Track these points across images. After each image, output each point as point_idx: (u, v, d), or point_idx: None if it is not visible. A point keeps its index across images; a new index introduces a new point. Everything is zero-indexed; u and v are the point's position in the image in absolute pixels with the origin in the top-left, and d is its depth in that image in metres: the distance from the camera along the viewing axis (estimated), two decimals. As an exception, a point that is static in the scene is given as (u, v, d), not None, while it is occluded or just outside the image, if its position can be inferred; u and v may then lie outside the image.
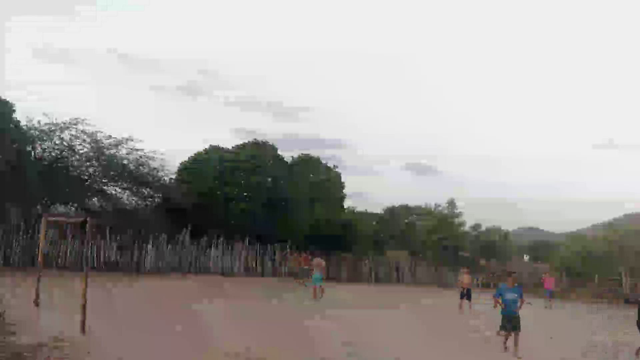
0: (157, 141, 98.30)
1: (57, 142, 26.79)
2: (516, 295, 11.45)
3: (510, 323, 11.25)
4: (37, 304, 11.79)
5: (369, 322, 15.35)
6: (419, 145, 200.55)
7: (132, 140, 28.00)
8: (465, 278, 21.47)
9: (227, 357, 8.75)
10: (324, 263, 23.13)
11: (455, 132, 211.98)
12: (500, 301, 11.45)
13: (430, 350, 11.37)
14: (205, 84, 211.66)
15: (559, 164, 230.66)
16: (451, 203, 44.28)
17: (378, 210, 47.91)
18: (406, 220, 46.33)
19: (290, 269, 31.64)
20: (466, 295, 20.89)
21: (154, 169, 29.34)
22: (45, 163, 26.23)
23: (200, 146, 35.22)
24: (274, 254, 32.21)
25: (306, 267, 28.04)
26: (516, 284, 11.78)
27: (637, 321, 11.82)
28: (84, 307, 9.70)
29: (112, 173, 27.90)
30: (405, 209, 47.09)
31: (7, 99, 26.04)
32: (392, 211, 46.86)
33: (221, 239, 29.66)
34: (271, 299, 20.20)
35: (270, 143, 36.17)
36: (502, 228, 49.84)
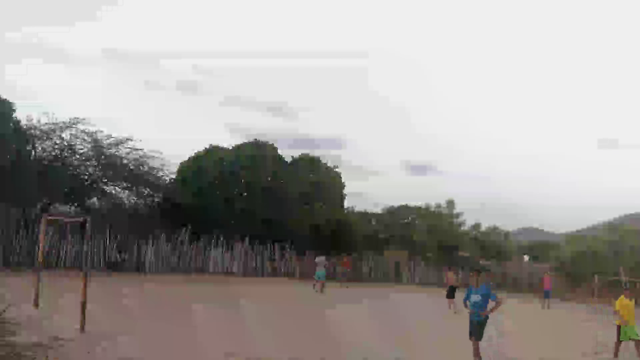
0: (156, 140, 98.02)
1: (57, 141, 26.84)
2: (479, 297, 9.61)
3: (471, 329, 9.69)
4: (36, 303, 11.80)
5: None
6: (420, 144, 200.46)
7: (132, 139, 28.08)
8: (451, 277, 21.90)
9: (227, 357, 8.76)
10: (326, 261, 26.24)
11: (456, 132, 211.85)
12: (468, 305, 9.85)
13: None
14: (205, 84, 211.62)
15: (560, 163, 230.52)
16: (450, 203, 44.26)
17: (378, 210, 47.88)
18: (406, 220, 46.25)
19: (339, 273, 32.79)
20: (452, 293, 20.83)
21: (154, 168, 29.40)
22: (45, 163, 26.24)
23: (199, 146, 35.16)
24: (274, 253, 32.25)
25: (347, 269, 29.97)
26: (483, 284, 9.97)
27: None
28: (83, 306, 9.71)
29: (111, 173, 27.93)
30: (405, 209, 46.99)
31: (7, 99, 26.09)
32: (391, 211, 46.78)
33: (221, 238, 29.67)
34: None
35: (270, 143, 36.22)
36: (502, 228, 49.81)
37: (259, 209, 32.22)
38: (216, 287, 22.60)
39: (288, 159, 37.28)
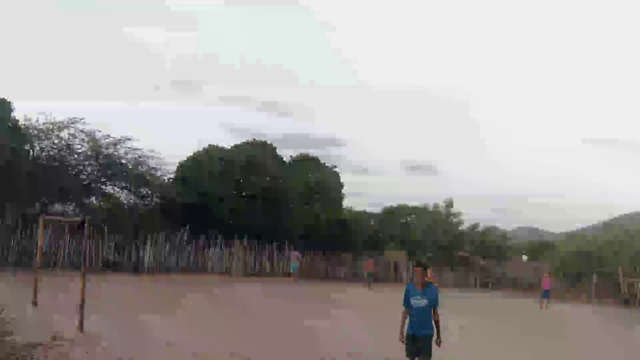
0: (153, 139, 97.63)
1: (56, 141, 26.79)
2: (426, 301, 6.94)
3: (414, 346, 6.90)
4: (35, 303, 11.78)
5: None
6: (419, 144, 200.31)
7: (130, 139, 28.07)
8: (428, 273, 23.37)
9: (231, 357, 8.74)
10: (300, 256, 29.98)
11: (456, 132, 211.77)
12: (406, 313, 7.08)
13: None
14: (203, 82, 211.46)
15: (559, 163, 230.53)
16: (449, 202, 44.32)
17: (377, 209, 47.86)
18: (404, 220, 46.27)
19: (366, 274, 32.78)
20: None
21: (152, 168, 29.37)
22: (44, 162, 26.18)
23: (198, 145, 35.40)
24: (273, 253, 32.22)
25: (369, 271, 31.32)
26: (430, 283, 7.28)
27: None
28: (81, 306, 9.67)
29: (110, 172, 27.89)
30: (404, 209, 47.01)
31: (5, 98, 26.02)
32: (390, 211, 46.79)
33: (219, 238, 29.65)
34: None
35: (269, 142, 36.24)
36: (501, 227, 49.93)
37: (258, 209, 32.20)
38: (215, 287, 22.57)
39: (287, 159, 37.29)
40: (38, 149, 26.67)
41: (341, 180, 38.62)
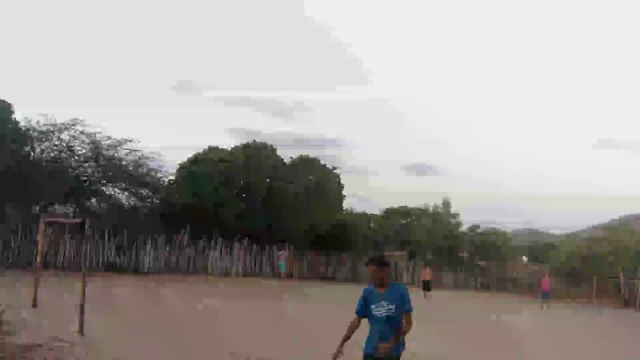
0: (154, 141, 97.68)
1: (56, 142, 26.81)
2: (392, 307, 4.88)
3: None
4: (35, 304, 11.80)
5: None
6: (419, 145, 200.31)
7: (130, 141, 28.08)
8: (426, 273, 27.09)
9: (228, 357, 8.76)
10: (287, 254, 31.22)
11: (456, 132, 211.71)
12: (356, 324, 5.22)
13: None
14: (202, 83, 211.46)
15: (560, 163, 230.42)
16: (446, 203, 44.39)
17: (377, 211, 47.85)
18: (404, 221, 46.29)
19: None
20: (426, 287, 25.94)
21: (153, 169, 29.37)
22: (44, 164, 26.21)
23: (198, 147, 35.42)
24: (273, 254, 32.25)
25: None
26: (393, 283, 5.10)
27: None
28: (82, 307, 9.70)
29: (110, 174, 27.90)
30: (404, 210, 47.03)
31: (6, 100, 26.06)
32: (390, 212, 46.80)
33: (219, 240, 29.67)
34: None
35: (269, 143, 36.24)
36: (501, 229, 49.97)
37: (258, 210, 32.23)
38: (215, 288, 22.60)
39: (287, 160, 37.31)
40: (38, 150, 26.70)
41: (341, 182, 38.67)
